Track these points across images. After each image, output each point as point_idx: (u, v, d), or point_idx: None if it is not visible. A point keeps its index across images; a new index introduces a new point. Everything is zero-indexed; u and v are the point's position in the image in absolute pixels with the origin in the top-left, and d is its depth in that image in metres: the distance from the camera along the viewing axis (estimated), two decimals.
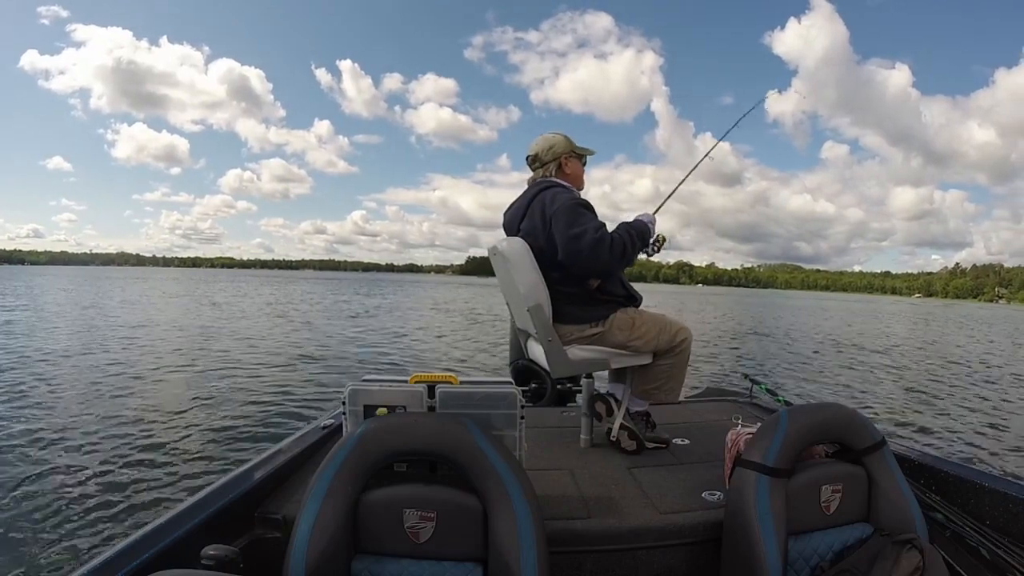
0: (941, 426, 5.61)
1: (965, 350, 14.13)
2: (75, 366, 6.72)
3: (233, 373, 6.62)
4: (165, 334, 10.30)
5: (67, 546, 2.45)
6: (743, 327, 18.42)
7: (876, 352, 12.60)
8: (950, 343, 16.29)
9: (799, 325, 20.64)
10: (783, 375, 8.39)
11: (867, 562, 1.06)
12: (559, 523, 1.23)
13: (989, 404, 6.84)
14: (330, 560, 0.92)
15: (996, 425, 5.76)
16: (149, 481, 3.20)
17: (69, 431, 4.08)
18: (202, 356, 7.86)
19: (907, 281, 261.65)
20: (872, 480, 1.19)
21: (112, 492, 3.02)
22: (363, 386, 1.17)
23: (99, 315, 13.75)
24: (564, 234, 1.60)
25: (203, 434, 4.15)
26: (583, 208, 1.67)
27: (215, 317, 14.39)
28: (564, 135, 1.86)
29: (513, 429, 1.17)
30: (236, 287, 36.89)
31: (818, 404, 1.40)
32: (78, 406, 4.84)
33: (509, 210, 1.89)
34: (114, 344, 8.72)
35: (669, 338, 1.72)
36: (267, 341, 9.83)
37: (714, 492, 1.39)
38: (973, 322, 31.95)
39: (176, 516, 1.07)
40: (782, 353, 11.58)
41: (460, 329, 13.87)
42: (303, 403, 5.32)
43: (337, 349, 9.28)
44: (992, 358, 12.75)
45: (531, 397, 2.65)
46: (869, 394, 7.24)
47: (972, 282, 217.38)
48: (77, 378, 6.04)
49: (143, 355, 7.79)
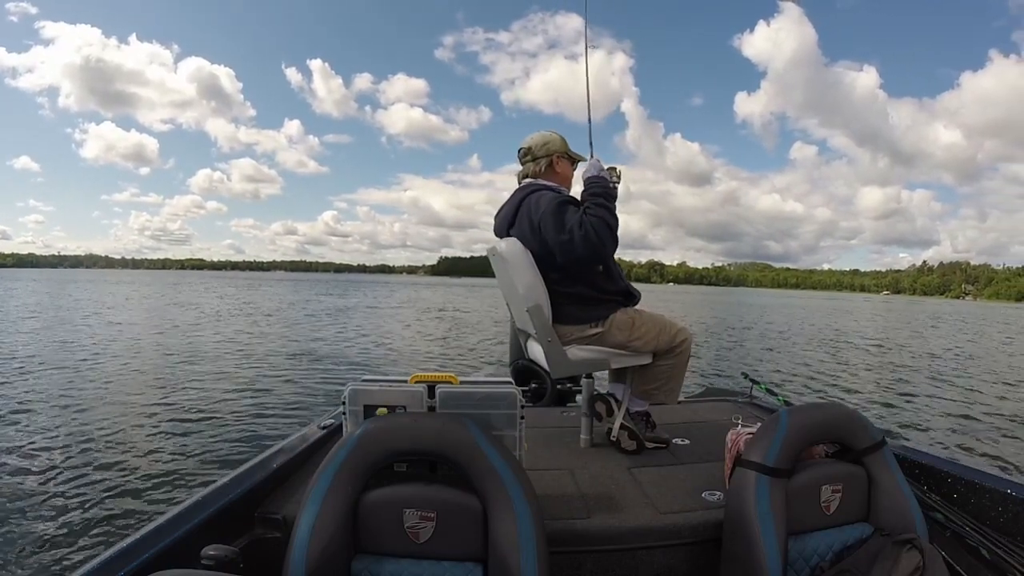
0: (940, 426, 5.61)
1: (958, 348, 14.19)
2: (74, 368, 6.72)
3: (233, 373, 6.63)
4: (161, 336, 10.30)
5: (67, 546, 2.45)
6: (725, 325, 18.56)
7: (862, 349, 12.69)
8: (939, 341, 16.37)
9: (779, 323, 20.96)
10: (768, 375, 8.42)
11: (867, 562, 1.06)
12: (559, 523, 1.23)
13: (988, 404, 6.85)
14: (330, 560, 0.92)
15: (995, 425, 5.76)
16: (149, 481, 3.20)
17: (69, 432, 4.08)
18: (202, 356, 7.86)
19: (876, 279, 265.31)
20: (872, 480, 1.19)
21: (112, 492, 3.02)
22: (363, 386, 1.17)
23: (97, 318, 13.76)
24: (555, 240, 1.60)
25: (203, 434, 4.15)
26: (566, 205, 1.64)
27: (210, 319, 14.41)
28: (561, 136, 1.84)
29: (513, 429, 1.17)
30: (219, 289, 36.72)
31: (818, 404, 1.40)
32: (78, 407, 4.84)
33: (499, 213, 1.88)
34: (111, 347, 8.71)
35: (669, 338, 1.72)
36: (266, 342, 9.84)
37: (714, 492, 1.39)
38: (952, 319, 32.57)
39: (176, 516, 1.07)
40: (763, 351, 11.68)
41: (456, 329, 13.88)
42: (303, 403, 5.33)
43: (335, 350, 9.29)
44: (985, 355, 12.83)
45: (531, 397, 2.65)
46: (865, 393, 7.25)
47: (939, 279, 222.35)
48: (77, 379, 6.04)
49: (140, 357, 7.79)
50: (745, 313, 28.26)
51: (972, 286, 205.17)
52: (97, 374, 6.32)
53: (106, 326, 11.35)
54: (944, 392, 7.55)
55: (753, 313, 28.57)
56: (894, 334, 18.14)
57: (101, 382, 5.89)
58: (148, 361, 7.31)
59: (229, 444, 3.97)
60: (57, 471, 3.29)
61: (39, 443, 3.77)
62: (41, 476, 3.21)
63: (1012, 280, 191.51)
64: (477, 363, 8.62)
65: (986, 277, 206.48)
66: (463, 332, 13.25)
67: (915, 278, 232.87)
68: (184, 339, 9.81)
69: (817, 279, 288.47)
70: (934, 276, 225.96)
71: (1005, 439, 5.17)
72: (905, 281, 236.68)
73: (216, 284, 48.65)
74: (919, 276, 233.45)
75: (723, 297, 54.86)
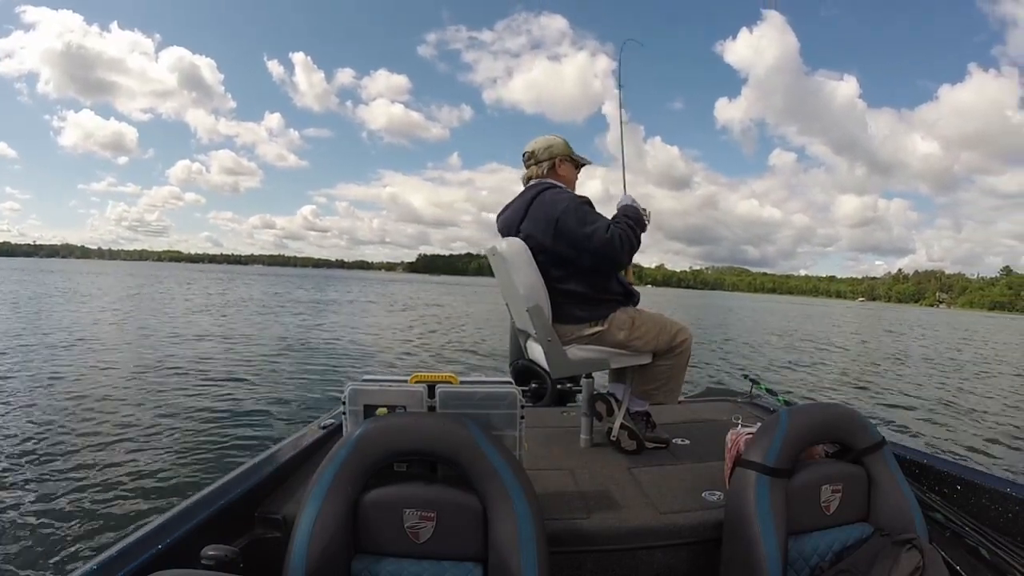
0: (941, 425, 5.62)
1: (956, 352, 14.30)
2: (71, 365, 6.71)
3: (233, 373, 6.62)
4: (154, 333, 10.28)
5: (67, 546, 2.45)
6: (703, 325, 18.75)
7: (842, 349, 12.84)
8: (937, 347, 16.53)
9: (767, 325, 21.09)
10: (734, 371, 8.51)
11: (867, 562, 1.06)
12: (559, 523, 1.23)
13: (986, 403, 6.86)
14: (330, 560, 0.92)
15: (994, 425, 5.77)
16: (149, 481, 3.20)
17: (68, 431, 4.08)
18: (201, 357, 7.85)
19: (851, 285, 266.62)
20: (872, 480, 1.19)
21: (112, 492, 3.02)
22: (363, 386, 1.17)
23: (92, 310, 13.75)
24: (577, 232, 1.62)
25: (203, 434, 4.15)
26: (588, 206, 1.69)
27: (205, 316, 14.40)
28: (564, 139, 1.86)
29: (513, 429, 1.17)
30: (205, 284, 36.31)
31: (818, 404, 1.40)
32: (77, 407, 4.83)
33: (505, 211, 1.88)
34: (108, 344, 8.71)
35: (669, 338, 1.72)
36: (264, 341, 9.83)
37: (714, 492, 1.39)
38: (936, 326, 33.05)
39: (176, 516, 1.07)
40: (750, 350, 11.79)
41: (454, 330, 13.89)
42: (303, 403, 5.33)
43: (334, 349, 9.29)
44: (979, 359, 13.00)
45: (531, 397, 2.65)
46: (865, 393, 7.26)
47: (914, 287, 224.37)
48: (73, 379, 6.03)
49: (136, 354, 7.78)
50: (724, 316, 29.03)
51: (946, 294, 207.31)
52: (96, 374, 6.31)
53: (96, 322, 11.33)
54: (943, 393, 7.55)
55: (730, 316, 29.31)
56: (878, 338, 18.39)
57: (100, 382, 5.88)
58: (147, 361, 7.30)
59: (229, 444, 3.96)
60: (57, 471, 3.29)
61: (37, 443, 3.77)
62: (41, 476, 3.21)
63: (985, 289, 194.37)
64: (477, 363, 8.62)
65: (960, 286, 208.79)
66: (452, 329, 13.27)
67: (890, 286, 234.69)
68: (184, 339, 9.80)
69: (794, 284, 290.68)
70: (909, 284, 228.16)
71: (1004, 439, 5.17)
72: (880, 288, 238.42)
73: (200, 278, 47.76)
74: (894, 284, 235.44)
75: (702, 300, 55.17)
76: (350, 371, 7.16)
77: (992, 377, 10.64)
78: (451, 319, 17.03)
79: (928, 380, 9.30)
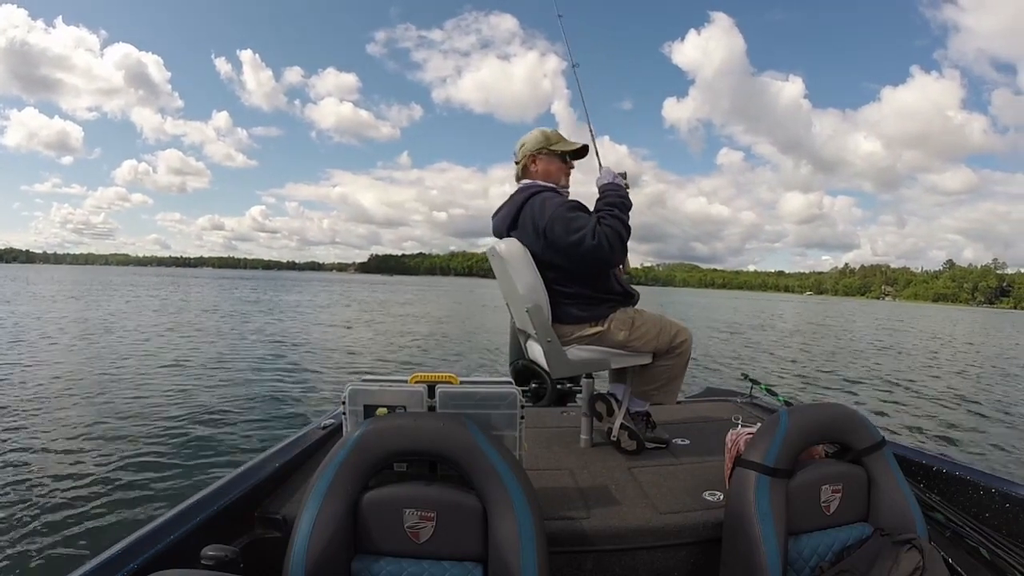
0: (940, 425, 5.62)
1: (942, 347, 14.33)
2: (70, 367, 6.72)
3: (232, 373, 6.62)
4: (154, 335, 10.28)
5: (67, 546, 2.45)
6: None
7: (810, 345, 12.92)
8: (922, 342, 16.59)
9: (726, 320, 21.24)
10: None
11: (867, 562, 1.06)
12: (559, 523, 1.23)
13: (984, 402, 6.86)
14: (330, 560, 0.92)
15: (994, 424, 5.77)
16: (149, 481, 3.20)
17: (68, 431, 4.08)
18: (200, 357, 7.85)
19: (799, 280, 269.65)
20: (872, 480, 1.19)
21: (112, 492, 3.02)
22: (363, 386, 1.17)
23: (94, 315, 13.76)
24: (564, 241, 1.60)
25: (203, 434, 4.15)
26: (575, 210, 1.65)
27: (201, 317, 14.39)
28: (542, 130, 1.80)
29: (513, 429, 1.17)
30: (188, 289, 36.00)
31: (818, 404, 1.40)
32: (76, 407, 4.84)
33: (497, 214, 1.86)
34: (108, 345, 8.71)
35: (669, 338, 1.72)
36: (263, 341, 9.83)
37: (714, 492, 1.39)
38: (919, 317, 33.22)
39: (176, 516, 1.07)
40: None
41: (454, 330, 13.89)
42: (303, 403, 5.33)
43: (333, 350, 9.29)
44: (964, 355, 13.08)
45: (531, 397, 2.65)
46: (863, 393, 7.26)
47: (860, 281, 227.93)
48: (74, 379, 6.03)
49: (137, 355, 7.79)
50: (685, 311, 29.34)
51: (892, 287, 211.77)
52: (96, 374, 6.31)
53: (103, 329, 11.33)
54: (941, 394, 7.56)
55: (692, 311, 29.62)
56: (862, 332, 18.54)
57: (99, 382, 5.89)
58: (147, 360, 7.30)
59: (229, 444, 3.96)
60: (56, 471, 3.29)
61: (37, 442, 3.77)
62: (40, 476, 3.21)
63: (929, 282, 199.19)
64: (477, 362, 8.62)
65: (904, 279, 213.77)
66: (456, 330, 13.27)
67: (837, 279, 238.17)
68: (182, 338, 9.81)
69: (743, 280, 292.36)
70: (855, 278, 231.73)
71: (1003, 438, 5.17)
72: (828, 282, 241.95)
73: (163, 283, 46.23)
74: (841, 278, 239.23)
75: (657, 297, 55.10)
76: (350, 371, 7.16)
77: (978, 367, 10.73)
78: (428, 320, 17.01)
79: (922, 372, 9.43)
